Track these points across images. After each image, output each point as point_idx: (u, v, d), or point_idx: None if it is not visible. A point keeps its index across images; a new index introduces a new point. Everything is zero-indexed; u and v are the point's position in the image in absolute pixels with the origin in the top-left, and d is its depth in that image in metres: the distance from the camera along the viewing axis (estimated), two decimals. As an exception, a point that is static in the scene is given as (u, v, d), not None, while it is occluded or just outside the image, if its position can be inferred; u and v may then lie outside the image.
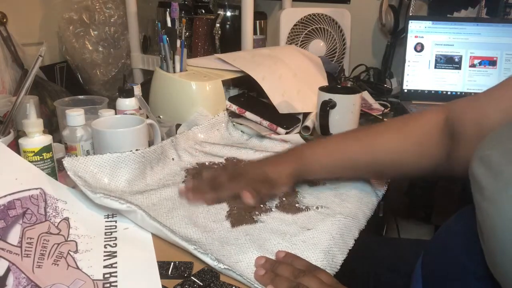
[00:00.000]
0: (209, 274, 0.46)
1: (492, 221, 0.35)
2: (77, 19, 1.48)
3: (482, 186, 0.38)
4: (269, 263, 0.47)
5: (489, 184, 0.37)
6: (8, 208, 0.49)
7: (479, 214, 0.38)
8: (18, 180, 0.53)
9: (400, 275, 0.62)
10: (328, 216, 0.59)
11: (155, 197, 0.62)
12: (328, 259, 0.50)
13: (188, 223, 0.56)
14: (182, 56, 0.92)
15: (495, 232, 0.35)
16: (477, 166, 0.40)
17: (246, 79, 0.95)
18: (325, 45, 1.38)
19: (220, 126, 0.89)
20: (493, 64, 1.16)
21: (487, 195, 0.37)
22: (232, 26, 1.36)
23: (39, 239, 0.48)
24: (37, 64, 0.64)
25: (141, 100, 0.79)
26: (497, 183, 0.36)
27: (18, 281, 0.42)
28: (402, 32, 1.34)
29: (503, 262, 0.35)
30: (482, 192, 0.38)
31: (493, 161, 0.38)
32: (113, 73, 1.55)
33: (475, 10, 1.28)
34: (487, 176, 0.38)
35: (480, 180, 0.38)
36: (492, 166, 0.38)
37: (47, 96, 1.13)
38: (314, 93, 0.91)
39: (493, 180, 0.37)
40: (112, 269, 0.47)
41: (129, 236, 0.53)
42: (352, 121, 0.88)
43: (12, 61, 1.25)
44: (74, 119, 0.67)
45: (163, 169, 0.71)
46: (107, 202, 0.55)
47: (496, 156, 0.38)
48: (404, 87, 1.20)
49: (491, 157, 0.39)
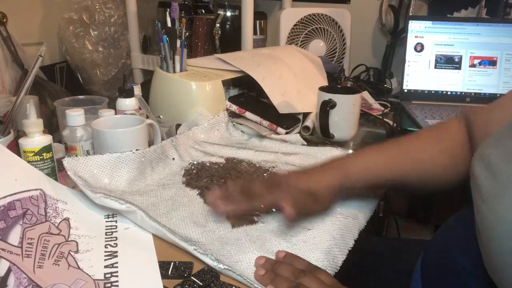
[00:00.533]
0: (209, 274, 0.46)
1: (489, 223, 0.35)
2: (77, 19, 1.48)
3: (480, 185, 0.38)
4: (269, 263, 0.47)
5: (487, 184, 0.37)
6: (8, 209, 0.49)
7: (477, 215, 0.38)
8: (18, 181, 0.53)
9: (401, 275, 0.62)
10: (328, 216, 0.59)
11: (155, 197, 0.62)
12: (329, 259, 0.51)
13: (188, 223, 0.56)
14: (182, 56, 0.92)
15: (492, 233, 0.35)
16: (477, 165, 0.40)
17: (246, 79, 0.95)
18: (325, 45, 1.38)
19: (220, 126, 0.89)
20: (493, 64, 1.16)
21: (485, 196, 0.37)
22: (232, 26, 1.36)
23: (40, 240, 0.48)
24: (37, 64, 0.64)
25: (141, 100, 0.79)
26: (495, 185, 0.36)
27: (19, 281, 0.42)
28: (402, 32, 1.34)
29: (499, 264, 0.35)
30: (480, 192, 0.38)
31: (492, 161, 0.38)
32: (113, 73, 1.55)
33: (475, 10, 1.28)
34: (486, 176, 0.38)
35: (479, 180, 0.38)
36: (491, 166, 0.38)
37: (47, 96, 1.13)
38: (314, 93, 0.91)
39: (492, 181, 0.37)
40: (113, 269, 0.47)
41: (129, 236, 0.53)
42: (352, 121, 0.88)
43: (12, 61, 1.25)
44: (74, 119, 0.67)
45: (163, 169, 0.71)
46: (107, 202, 0.55)
47: (495, 156, 0.38)
48: (404, 87, 1.20)
49: (491, 156, 0.39)
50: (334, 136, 0.87)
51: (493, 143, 0.41)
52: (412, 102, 1.18)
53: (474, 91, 1.18)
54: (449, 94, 1.19)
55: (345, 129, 0.88)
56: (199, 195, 0.64)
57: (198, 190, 0.65)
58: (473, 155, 0.43)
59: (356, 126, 0.89)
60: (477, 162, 0.40)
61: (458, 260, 0.45)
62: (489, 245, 0.36)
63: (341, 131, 0.88)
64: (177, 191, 0.65)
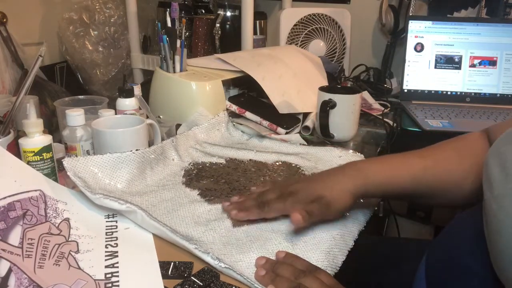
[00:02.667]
0: (209, 274, 0.46)
1: (499, 222, 0.35)
2: (77, 19, 1.48)
3: (492, 183, 0.37)
4: (269, 264, 0.47)
5: (499, 183, 0.37)
6: (8, 210, 0.48)
7: (487, 212, 0.38)
8: (17, 182, 0.52)
9: (401, 275, 0.62)
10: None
11: (155, 198, 0.62)
12: (329, 259, 0.51)
13: (188, 222, 0.56)
14: (182, 56, 0.92)
15: (502, 232, 0.35)
16: (492, 162, 0.39)
17: (246, 79, 0.95)
18: (325, 45, 1.38)
19: (220, 126, 0.89)
20: (493, 64, 1.16)
21: (496, 194, 0.36)
22: (232, 26, 1.36)
23: (40, 240, 0.48)
24: (37, 64, 0.64)
25: (141, 100, 0.79)
26: (507, 185, 0.36)
27: (20, 281, 0.42)
28: (402, 32, 1.34)
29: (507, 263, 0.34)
30: (492, 189, 0.37)
31: (508, 160, 0.37)
32: (113, 73, 1.55)
33: (475, 10, 1.28)
34: (499, 174, 0.37)
35: (491, 177, 0.38)
36: (506, 165, 0.37)
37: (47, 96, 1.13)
38: (314, 93, 0.91)
39: (504, 180, 0.36)
40: (114, 269, 0.47)
41: (130, 236, 0.53)
42: (352, 121, 0.88)
43: (12, 61, 1.26)
44: (74, 119, 0.67)
45: (163, 169, 0.71)
46: (107, 202, 0.55)
47: (511, 154, 0.37)
48: (404, 87, 1.20)
49: (507, 154, 0.38)
50: (334, 136, 0.87)
51: (510, 139, 0.40)
52: (412, 102, 1.18)
53: (474, 91, 1.18)
54: (449, 94, 1.19)
55: (345, 129, 0.88)
56: (200, 195, 0.64)
57: (198, 190, 0.65)
58: (489, 150, 0.42)
59: (356, 126, 0.90)
60: (492, 159, 0.39)
61: (463, 260, 0.45)
62: (497, 244, 0.36)
63: (341, 131, 0.88)
64: (177, 191, 0.65)
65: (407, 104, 1.16)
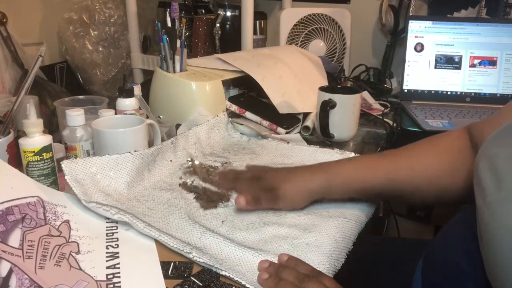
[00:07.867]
0: (209, 274, 0.46)
1: (491, 229, 0.34)
2: (77, 19, 1.48)
3: (484, 188, 0.36)
4: (272, 267, 0.47)
5: (491, 189, 0.36)
6: (6, 214, 0.48)
7: (479, 217, 0.37)
8: (14, 189, 0.52)
9: (401, 275, 0.62)
10: (331, 218, 0.58)
11: (152, 201, 0.62)
12: (331, 262, 0.50)
13: (185, 226, 0.56)
14: (182, 56, 0.92)
15: (493, 239, 0.34)
16: (482, 166, 0.38)
17: (246, 79, 0.95)
18: (325, 45, 1.38)
19: (220, 127, 0.89)
20: (493, 64, 1.16)
21: (488, 200, 0.35)
22: (232, 26, 1.35)
23: (40, 242, 0.48)
24: (37, 64, 0.64)
25: (141, 100, 0.79)
26: (499, 191, 0.35)
27: (21, 282, 0.42)
28: (402, 32, 1.34)
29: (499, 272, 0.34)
30: (484, 195, 0.36)
31: (499, 164, 0.36)
32: (113, 73, 1.55)
33: (475, 10, 1.28)
34: (490, 179, 0.36)
35: (483, 182, 0.37)
36: (497, 170, 0.36)
37: (47, 96, 1.13)
38: (314, 93, 0.91)
39: (496, 187, 0.35)
40: (115, 269, 0.47)
41: (130, 236, 0.53)
42: (352, 121, 0.88)
43: (12, 61, 1.25)
44: (74, 119, 0.66)
45: (160, 171, 0.70)
46: (100, 211, 0.55)
47: (502, 159, 0.36)
48: (404, 87, 1.20)
49: (498, 158, 0.37)
50: (334, 136, 0.87)
51: (500, 140, 0.39)
52: (412, 102, 1.18)
53: (474, 91, 1.18)
54: (449, 94, 1.19)
55: (345, 129, 0.88)
56: (195, 199, 0.64)
57: (194, 194, 0.65)
58: (478, 152, 0.41)
59: (356, 126, 0.90)
60: (482, 163, 0.39)
61: (458, 262, 0.45)
62: (489, 251, 0.35)
63: (341, 131, 0.88)
64: (174, 193, 0.65)
65: (407, 104, 1.16)
